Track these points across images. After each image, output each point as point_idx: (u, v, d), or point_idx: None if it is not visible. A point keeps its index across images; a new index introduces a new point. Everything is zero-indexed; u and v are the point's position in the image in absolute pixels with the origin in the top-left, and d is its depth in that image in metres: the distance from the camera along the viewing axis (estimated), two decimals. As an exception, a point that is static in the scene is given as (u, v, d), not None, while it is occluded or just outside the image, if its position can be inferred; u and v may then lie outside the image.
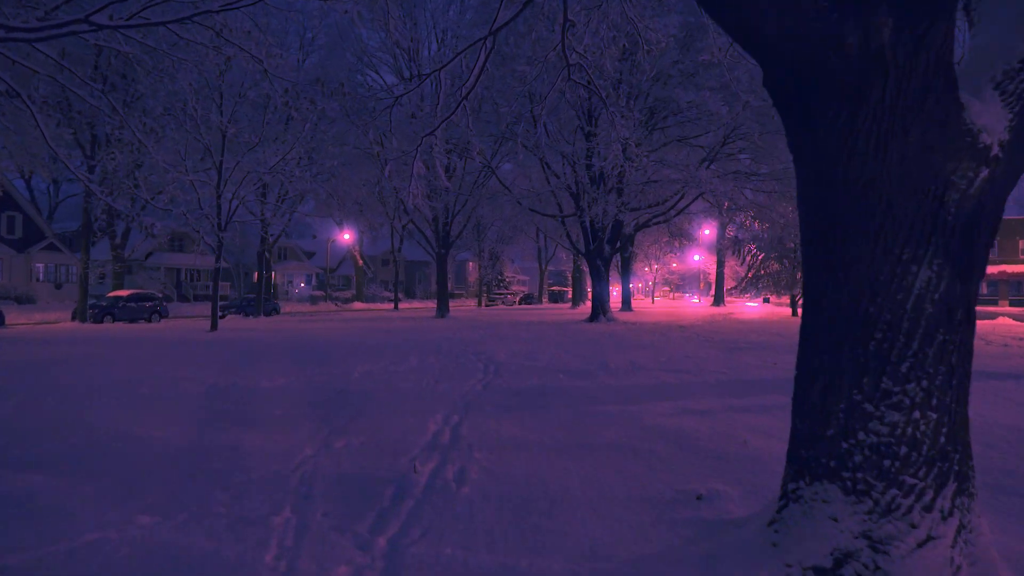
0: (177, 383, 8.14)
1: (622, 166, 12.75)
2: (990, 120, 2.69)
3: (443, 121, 8.50)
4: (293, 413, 6.31)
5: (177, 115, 17.63)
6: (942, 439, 2.63)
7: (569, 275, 59.88)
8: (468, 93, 8.16)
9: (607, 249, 24.93)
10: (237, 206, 19.88)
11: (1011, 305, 45.25)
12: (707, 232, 47.93)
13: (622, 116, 9.44)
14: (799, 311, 32.73)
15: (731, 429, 5.51)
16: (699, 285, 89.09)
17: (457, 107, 8.22)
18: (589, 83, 7.90)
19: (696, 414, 6.12)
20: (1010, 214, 44.30)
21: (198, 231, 17.13)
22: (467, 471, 4.31)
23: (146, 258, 44.20)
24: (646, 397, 7.08)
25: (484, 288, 57.33)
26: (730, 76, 9.63)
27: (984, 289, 47.12)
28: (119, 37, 11.55)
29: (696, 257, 67.48)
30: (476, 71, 8.09)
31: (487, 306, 53.41)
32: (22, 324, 23.12)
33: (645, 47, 8.11)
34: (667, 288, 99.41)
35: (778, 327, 20.05)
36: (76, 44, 21.54)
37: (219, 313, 32.84)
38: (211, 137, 17.85)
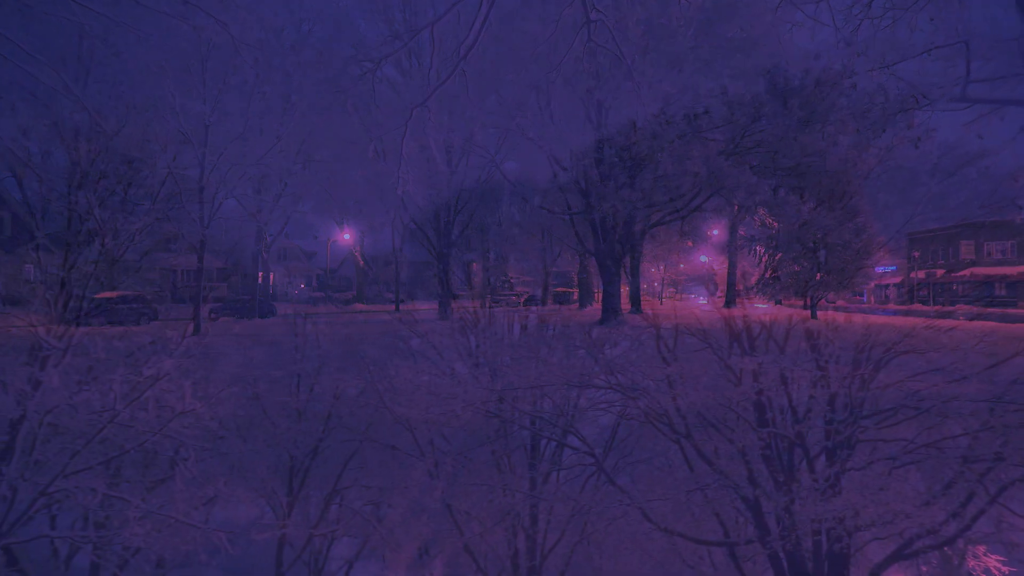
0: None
1: (645, 151, 11.32)
2: None
3: (438, 87, 7.08)
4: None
5: (156, 102, 16.28)
6: None
7: (574, 276, 58.40)
8: (467, 53, 6.75)
9: (618, 248, 23.50)
10: (222, 203, 18.52)
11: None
12: (715, 232, 46.44)
13: (649, 86, 8.14)
14: (818, 314, 31.17)
15: None
16: (706, 286, 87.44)
17: (454, 70, 6.81)
18: (611, 38, 6.50)
19: None
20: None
21: (172, 225, 15.77)
22: None
23: (142, 258, 43.05)
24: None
25: (488, 289, 55.93)
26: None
27: (1003, 291, 44.65)
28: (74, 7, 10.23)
29: (703, 258, 65.88)
30: (477, 26, 6.69)
31: (491, 307, 52.02)
32: (-1, 327, 21.79)
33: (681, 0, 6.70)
34: (672, 289, 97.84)
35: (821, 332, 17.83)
36: (59, 34, 20.28)
37: (211, 315, 31.57)
38: (189, 124, 16.47)
